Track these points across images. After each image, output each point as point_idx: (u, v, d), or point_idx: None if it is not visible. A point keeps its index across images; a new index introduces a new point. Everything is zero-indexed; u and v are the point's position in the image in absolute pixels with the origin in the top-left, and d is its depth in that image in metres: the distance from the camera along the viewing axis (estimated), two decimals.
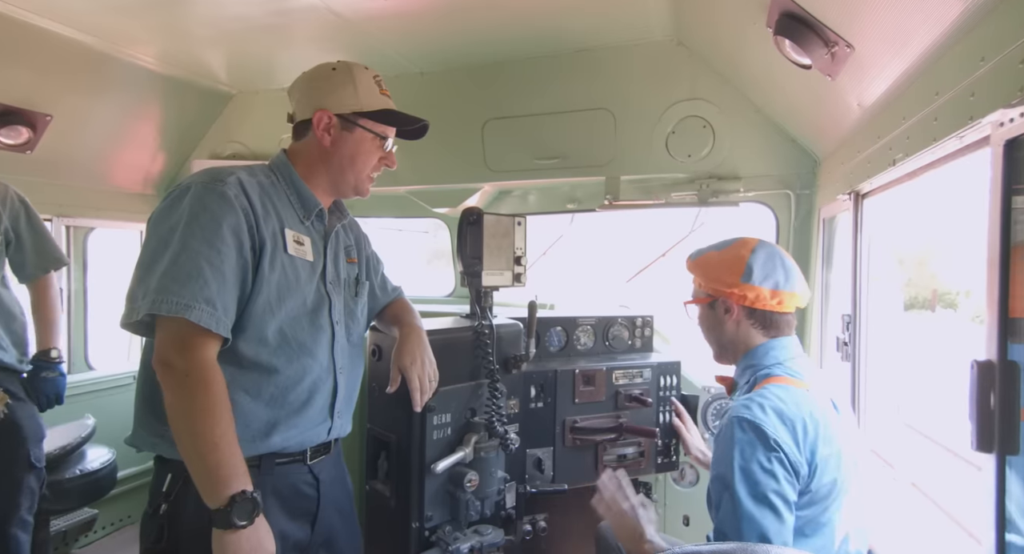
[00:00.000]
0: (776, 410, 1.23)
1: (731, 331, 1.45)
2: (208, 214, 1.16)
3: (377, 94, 1.39)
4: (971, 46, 1.03)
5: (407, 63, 2.66)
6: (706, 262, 1.48)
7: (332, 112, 1.33)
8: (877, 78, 1.43)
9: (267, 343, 1.24)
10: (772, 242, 1.49)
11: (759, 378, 1.38)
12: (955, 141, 1.11)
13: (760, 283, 1.39)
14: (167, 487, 1.22)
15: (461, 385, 1.80)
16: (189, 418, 1.10)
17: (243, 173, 1.28)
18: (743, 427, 1.22)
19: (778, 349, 1.41)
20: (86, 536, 2.72)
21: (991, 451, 0.94)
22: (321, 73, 1.37)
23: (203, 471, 1.10)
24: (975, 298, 7.14)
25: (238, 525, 1.08)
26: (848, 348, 1.80)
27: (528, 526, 2.05)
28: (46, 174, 2.76)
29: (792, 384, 1.32)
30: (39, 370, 2.12)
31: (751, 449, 1.20)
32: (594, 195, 2.78)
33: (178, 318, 1.10)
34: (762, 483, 1.18)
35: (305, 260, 1.32)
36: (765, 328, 1.43)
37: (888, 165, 1.42)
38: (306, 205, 1.36)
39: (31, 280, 2.16)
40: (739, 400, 1.31)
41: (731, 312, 1.43)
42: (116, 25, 2.26)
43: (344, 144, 1.36)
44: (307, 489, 1.35)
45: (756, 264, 1.40)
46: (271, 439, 1.25)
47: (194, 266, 1.12)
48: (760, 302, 1.40)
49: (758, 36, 1.66)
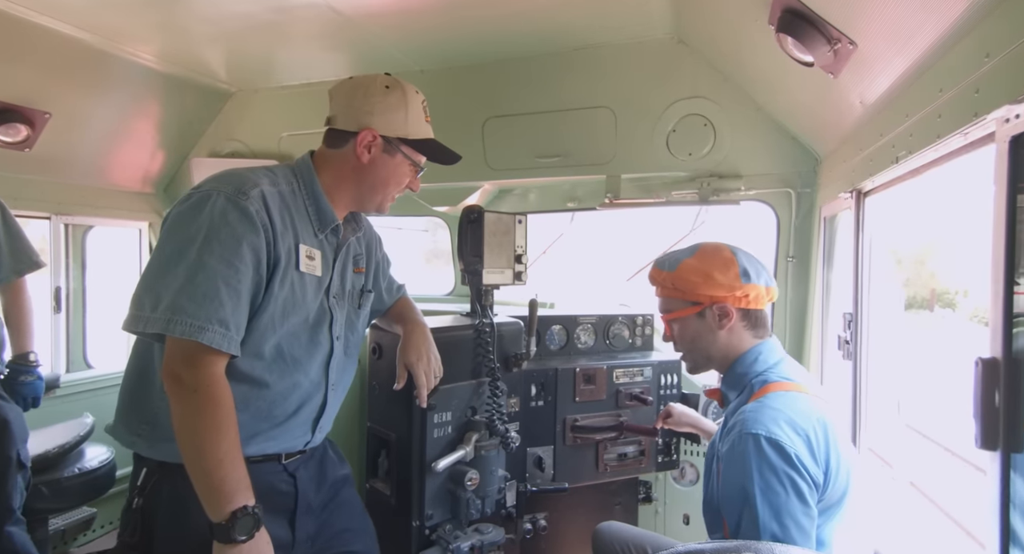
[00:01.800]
0: (789, 422, 1.17)
1: (723, 339, 1.38)
2: (229, 230, 1.14)
3: (423, 121, 1.38)
4: (976, 42, 1.03)
5: (407, 61, 2.65)
6: (690, 269, 1.39)
7: (379, 133, 1.32)
8: (880, 75, 1.43)
9: (262, 358, 1.23)
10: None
11: (755, 385, 1.32)
12: (959, 138, 1.10)
13: (756, 281, 1.36)
14: (141, 481, 1.23)
15: (462, 383, 1.79)
16: (196, 433, 1.10)
17: (265, 183, 1.24)
18: (759, 443, 1.15)
19: (766, 353, 1.37)
20: (85, 535, 2.71)
21: (996, 449, 0.94)
22: (375, 89, 1.33)
23: (207, 486, 1.09)
24: (973, 297, 7.15)
25: (238, 540, 1.08)
26: (849, 346, 1.79)
27: (529, 525, 2.04)
28: (45, 172, 2.75)
29: (793, 388, 1.27)
30: (17, 374, 2.12)
31: (770, 468, 1.13)
32: (594, 193, 2.77)
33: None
34: (786, 503, 1.12)
35: (313, 276, 1.30)
36: (755, 329, 1.39)
37: (891, 162, 1.41)
38: (322, 219, 1.33)
39: (5, 282, 2.13)
40: (746, 412, 1.23)
41: (727, 317, 1.36)
42: (115, 23, 2.25)
43: (382, 166, 1.34)
44: (283, 486, 1.33)
45: (744, 262, 1.37)
46: (247, 448, 1.22)
47: (211, 286, 1.11)
48: (757, 302, 1.37)
49: (760, 33, 1.65)
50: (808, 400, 1.25)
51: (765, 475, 1.13)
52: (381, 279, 1.59)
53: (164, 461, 1.20)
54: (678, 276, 1.40)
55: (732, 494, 1.18)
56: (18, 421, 2.03)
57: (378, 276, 1.57)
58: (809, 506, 1.14)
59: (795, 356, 2.34)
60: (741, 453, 1.16)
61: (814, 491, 1.15)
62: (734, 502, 1.17)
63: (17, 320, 2.17)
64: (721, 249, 1.40)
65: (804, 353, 2.32)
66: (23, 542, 2.01)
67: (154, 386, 1.21)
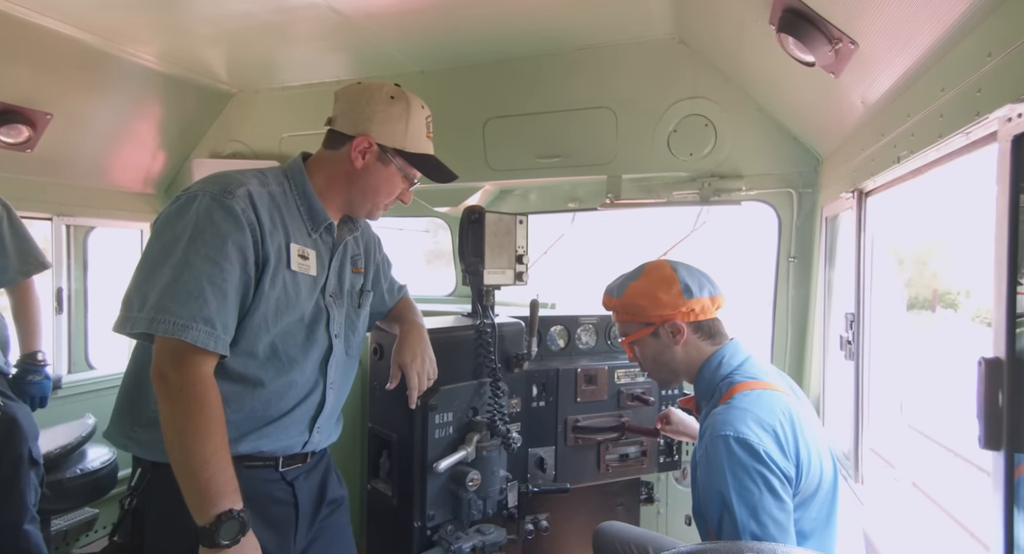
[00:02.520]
0: (756, 419, 1.21)
1: (680, 353, 1.43)
2: (214, 229, 1.14)
3: (423, 137, 1.38)
4: (978, 41, 1.02)
5: (408, 61, 2.66)
6: (637, 292, 1.45)
7: (376, 141, 1.31)
8: (881, 75, 1.43)
9: (256, 357, 1.23)
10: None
11: (723, 388, 1.36)
12: (961, 137, 1.10)
13: (699, 294, 1.41)
14: (135, 482, 1.23)
15: (463, 384, 1.79)
16: (182, 434, 1.09)
17: (254, 183, 1.24)
18: (728, 444, 1.18)
19: (729, 356, 1.41)
20: (87, 535, 2.71)
21: (999, 449, 0.93)
22: (380, 97, 1.33)
23: (192, 487, 1.08)
24: (975, 298, 7.13)
25: (222, 544, 1.07)
26: (852, 346, 1.79)
27: (530, 525, 2.04)
28: (46, 173, 2.75)
29: (758, 386, 1.31)
30: (25, 373, 2.13)
31: (741, 467, 1.16)
32: (595, 194, 2.77)
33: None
34: (760, 500, 1.15)
35: (308, 275, 1.30)
36: (711, 337, 1.44)
37: (892, 162, 1.41)
38: (315, 219, 1.33)
39: (13, 284, 2.14)
40: (715, 415, 1.25)
41: (679, 333, 1.41)
42: (116, 23, 2.26)
43: (374, 173, 1.34)
44: (281, 495, 1.31)
45: (686, 278, 1.42)
46: (238, 445, 1.21)
47: (195, 285, 1.11)
48: (704, 313, 1.42)
49: (761, 33, 1.65)
50: (773, 396, 1.28)
51: (738, 475, 1.16)
52: (382, 280, 1.59)
53: (158, 462, 1.19)
54: (627, 301, 1.46)
55: (709, 497, 1.21)
56: (27, 420, 2.04)
57: (378, 277, 1.57)
58: (783, 501, 1.17)
59: (797, 356, 2.34)
60: (713, 456, 1.20)
61: (787, 485, 1.18)
62: (712, 504, 1.20)
63: (25, 320, 2.18)
64: (662, 267, 1.46)
65: (805, 353, 2.32)
66: (37, 542, 2.02)
67: (150, 389, 1.20)
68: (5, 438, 1.96)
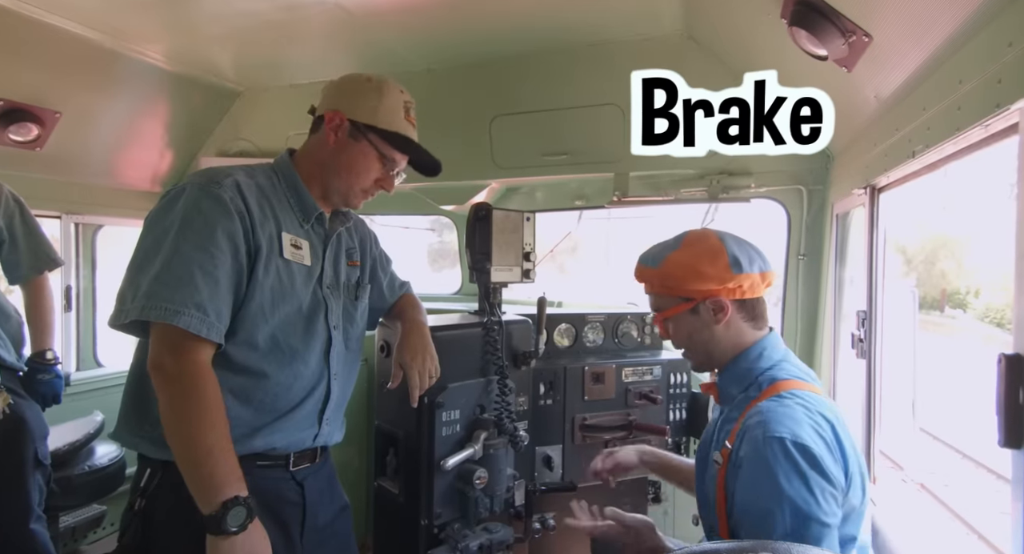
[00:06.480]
0: (812, 424, 1.10)
1: (721, 334, 1.27)
2: (202, 218, 1.14)
3: (400, 118, 1.35)
4: (997, 31, 1.00)
5: (415, 59, 2.65)
6: (677, 263, 1.28)
7: (346, 116, 1.31)
8: (896, 68, 1.41)
9: (257, 348, 1.22)
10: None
11: (763, 383, 1.23)
12: (979, 130, 1.08)
13: (749, 269, 1.26)
14: (144, 483, 1.21)
15: (470, 381, 1.78)
16: (182, 423, 1.08)
17: (241, 175, 1.25)
18: (785, 447, 1.06)
19: (770, 347, 1.27)
20: (95, 532, 2.72)
21: (1019, 447, 0.91)
22: (355, 79, 1.36)
23: (196, 476, 1.08)
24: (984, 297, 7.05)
25: (230, 531, 1.06)
26: (863, 345, 1.77)
27: (537, 524, 2.03)
28: (55, 171, 2.76)
29: (805, 388, 1.19)
30: (35, 372, 2.11)
31: (798, 473, 1.05)
32: (602, 191, 2.75)
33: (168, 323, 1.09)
34: (812, 510, 1.04)
35: (302, 265, 1.30)
36: (754, 320, 1.29)
37: (907, 157, 1.39)
38: (305, 209, 1.33)
39: (25, 280, 2.14)
40: (764, 413, 1.13)
41: (723, 311, 1.25)
42: (125, 22, 2.26)
43: (346, 150, 1.33)
44: (291, 495, 1.30)
45: (734, 250, 1.25)
46: (253, 441, 1.21)
47: (185, 271, 1.11)
48: (752, 291, 1.27)
49: (771, 27, 1.63)
50: (822, 400, 1.19)
51: (793, 481, 1.05)
52: (381, 276, 1.58)
53: (168, 460, 1.17)
54: (664, 272, 1.30)
55: (753, 500, 1.10)
56: (36, 419, 2.03)
57: (376, 271, 1.56)
58: (834, 513, 1.08)
59: (807, 354, 2.31)
60: (764, 457, 1.08)
61: (838, 497, 1.09)
62: (754, 508, 1.09)
63: (36, 318, 2.17)
64: (708, 237, 1.29)
65: (816, 351, 2.29)
66: (45, 541, 2.02)
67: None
68: (12, 437, 1.95)
